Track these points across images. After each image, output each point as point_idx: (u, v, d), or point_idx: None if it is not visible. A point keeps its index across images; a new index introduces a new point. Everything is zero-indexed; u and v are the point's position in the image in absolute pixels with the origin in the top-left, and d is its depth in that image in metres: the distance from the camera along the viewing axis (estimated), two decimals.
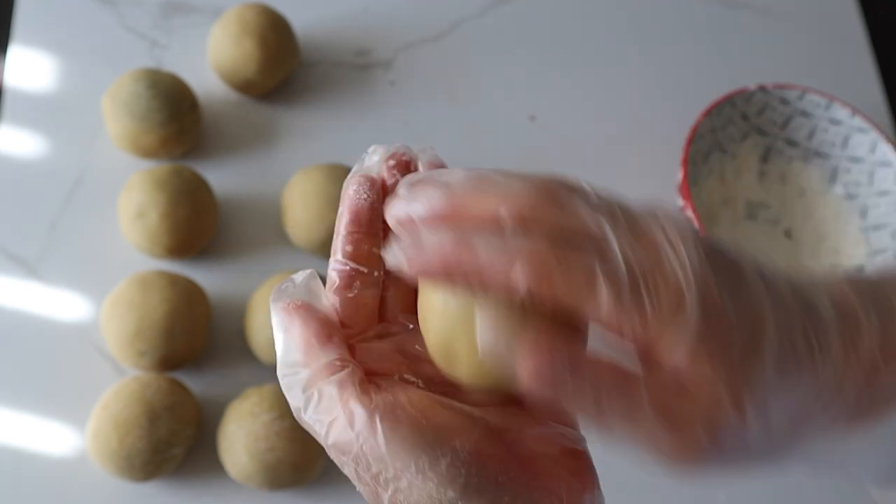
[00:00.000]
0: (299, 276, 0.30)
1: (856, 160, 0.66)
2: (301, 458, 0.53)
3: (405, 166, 0.30)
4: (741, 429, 0.23)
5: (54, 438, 0.57)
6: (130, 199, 0.59)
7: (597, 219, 0.23)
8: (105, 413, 0.53)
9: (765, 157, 0.69)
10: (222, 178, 0.65)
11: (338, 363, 0.27)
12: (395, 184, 0.30)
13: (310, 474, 0.55)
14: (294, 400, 0.27)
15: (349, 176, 0.31)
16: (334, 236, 0.30)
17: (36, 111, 0.67)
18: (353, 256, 0.30)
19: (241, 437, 0.53)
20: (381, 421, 0.25)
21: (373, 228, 0.29)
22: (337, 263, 0.30)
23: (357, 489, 0.27)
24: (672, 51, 0.75)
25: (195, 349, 0.58)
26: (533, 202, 0.24)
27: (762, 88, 0.65)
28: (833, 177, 0.68)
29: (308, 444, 0.54)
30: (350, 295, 0.30)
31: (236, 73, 0.65)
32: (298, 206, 0.60)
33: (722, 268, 0.24)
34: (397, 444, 0.25)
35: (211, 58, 0.66)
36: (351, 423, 0.25)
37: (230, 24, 0.65)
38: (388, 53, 0.72)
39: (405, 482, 0.25)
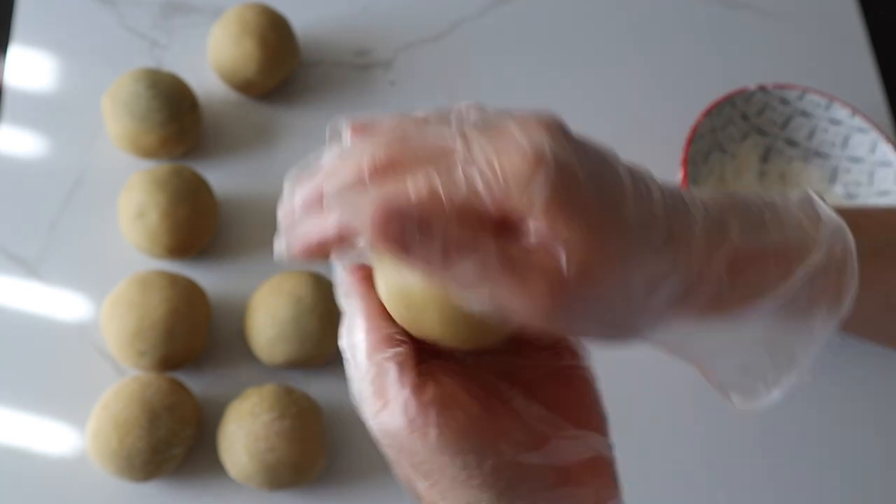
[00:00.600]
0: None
1: (856, 160, 0.66)
2: (301, 458, 0.53)
3: None
4: (586, 286, 0.24)
5: (54, 438, 0.57)
6: (130, 199, 0.59)
7: (443, 133, 0.26)
8: (105, 413, 0.53)
9: (765, 157, 0.69)
10: (222, 178, 0.65)
11: (398, 337, 0.28)
12: None
13: (310, 474, 0.55)
14: (353, 370, 0.28)
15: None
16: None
17: (36, 111, 0.67)
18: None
19: (241, 437, 0.53)
20: (437, 417, 0.26)
21: None
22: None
23: (392, 469, 0.28)
24: (672, 51, 0.75)
25: (195, 349, 0.58)
26: (385, 149, 0.26)
27: (762, 88, 0.65)
28: (833, 177, 0.68)
29: (308, 444, 0.54)
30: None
31: (236, 73, 0.65)
32: None
33: (588, 153, 0.26)
34: (448, 442, 0.26)
35: (211, 58, 0.66)
36: (404, 412, 0.26)
37: (230, 24, 0.65)
38: (388, 53, 0.72)
39: (447, 479, 0.26)
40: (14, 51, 0.69)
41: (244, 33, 0.64)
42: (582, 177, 0.25)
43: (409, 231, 0.24)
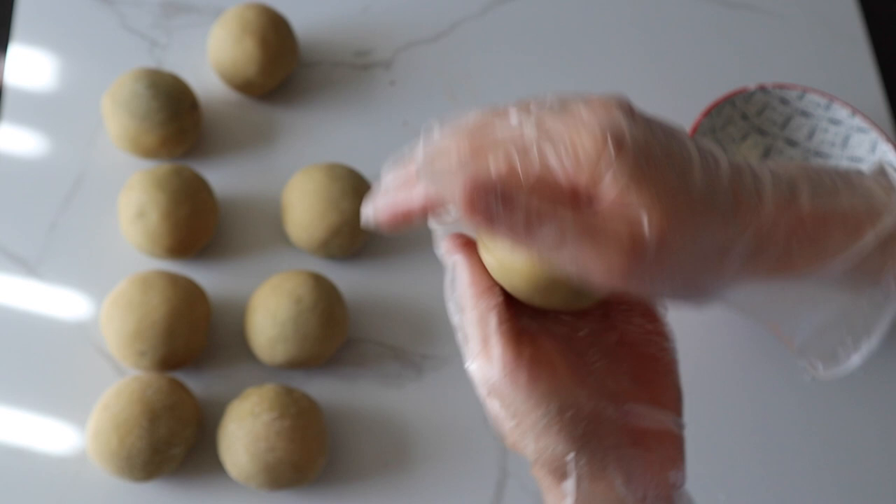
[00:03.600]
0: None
1: (856, 160, 0.66)
2: (301, 458, 0.53)
3: None
4: (661, 249, 0.26)
5: (54, 438, 0.57)
6: (130, 199, 0.59)
7: (521, 120, 0.29)
8: (105, 413, 0.53)
9: (765, 157, 0.69)
10: (222, 178, 0.65)
11: (498, 290, 0.31)
12: None
13: (310, 474, 0.55)
14: (457, 318, 0.32)
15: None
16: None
17: (36, 111, 0.67)
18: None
19: (241, 437, 0.53)
20: (528, 370, 0.29)
21: None
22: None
23: (483, 402, 0.31)
24: (672, 50, 0.75)
25: (195, 349, 0.58)
26: (469, 138, 0.29)
27: (762, 88, 0.65)
28: None
29: (308, 444, 0.54)
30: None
31: (236, 73, 0.65)
32: (298, 206, 0.60)
33: (656, 127, 0.28)
34: (534, 392, 0.29)
35: (211, 58, 0.66)
36: (501, 361, 0.30)
37: (230, 24, 0.65)
38: (388, 53, 0.72)
39: (530, 422, 0.29)
40: (14, 50, 0.69)
41: (244, 33, 0.64)
42: (653, 148, 0.27)
43: (493, 203, 0.26)
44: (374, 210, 0.32)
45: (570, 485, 0.30)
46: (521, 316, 0.31)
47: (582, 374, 0.31)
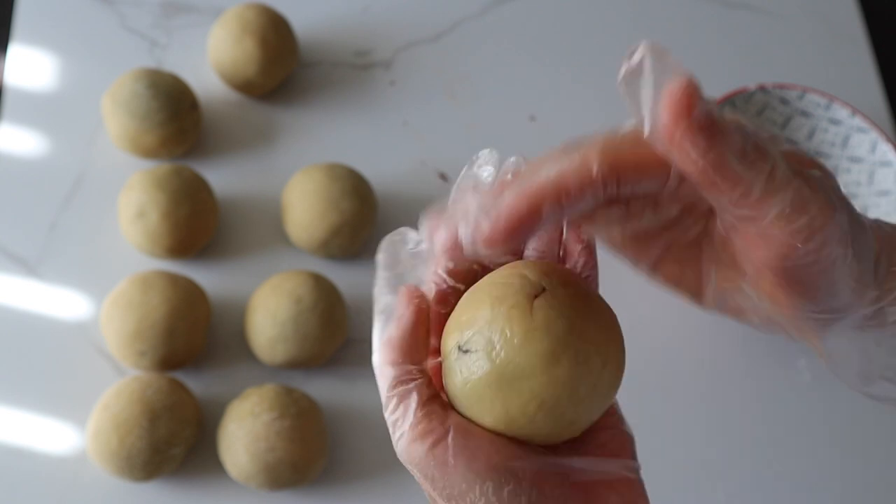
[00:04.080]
0: (412, 241, 0.31)
1: (856, 160, 0.66)
2: (301, 458, 0.53)
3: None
4: (819, 250, 0.25)
5: (54, 438, 0.57)
6: (130, 199, 0.59)
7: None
8: (105, 413, 0.53)
9: None
10: (222, 178, 0.65)
11: (420, 373, 0.29)
12: None
13: (310, 474, 0.55)
14: (381, 393, 0.29)
15: (461, 183, 0.31)
16: (435, 242, 0.31)
17: (36, 111, 0.67)
18: (453, 273, 0.30)
19: (241, 437, 0.53)
20: (453, 444, 0.27)
21: None
22: (437, 277, 0.31)
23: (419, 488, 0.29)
24: (672, 51, 0.75)
25: (195, 349, 0.58)
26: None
27: (762, 88, 0.65)
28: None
29: (308, 444, 0.54)
30: (442, 311, 0.30)
31: (236, 73, 0.65)
32: (298, 206, 0.60)
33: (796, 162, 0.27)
34: (466, 467, 0.27)
35: (211, 58, 0.66)
36: (423, 439, 0.27)
37: (230, 24, 0.65)
38: (388, 53, 0.72)
39: (468, 502, 0.27)
40: (14, 50, 0.69)
41: (244, 33, 0.64)
42: (805, 187, 0.26)
43: (708, 114, 0.25)
44: (480, 229, 0.27)
45: None
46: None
47: (516, 444, 0.28)
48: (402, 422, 0.28)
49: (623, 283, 0.65)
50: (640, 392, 0.60)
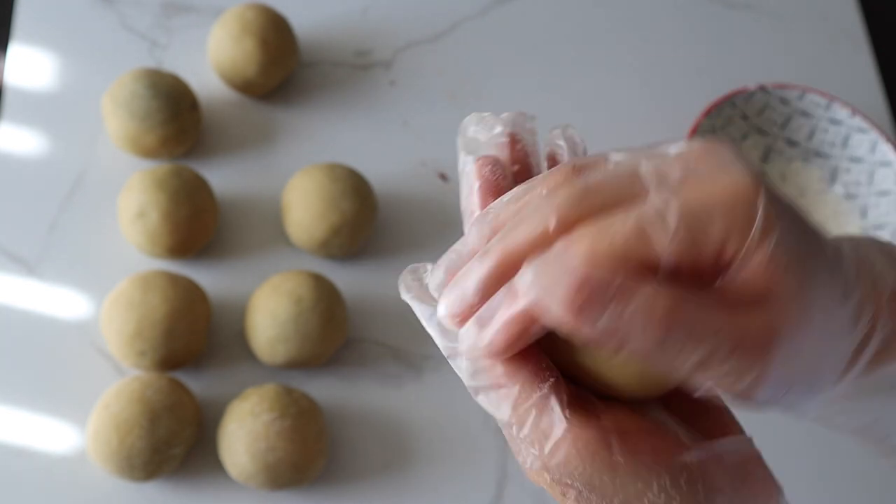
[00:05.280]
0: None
1: (856, 160, 0.66)
2: (301, 458, 0.53)
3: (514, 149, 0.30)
4: (802, 332, 0.22)
5: (54, 438, 0.57)
6: (130, 199, 0.59)
7: (635, 170, 0.23)
8: (105, 413, 0.53)
9: (765, 157, 0.69)
10: (222, 178, 0.65)
11: (547, 368, 0.25)
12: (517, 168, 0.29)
13: (310, 474, 0.55)
14: (501, 413, 0.25)
15: (465, 149, 0.29)
16: (464, 217, 0.28)
17: (36, 110, 0.67)
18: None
19: (241, 437, 0.53)
20: (617, 441, 0.24)
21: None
22: None
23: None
24: (672, 51, 0.75)
25: (195, 349, 0.58)
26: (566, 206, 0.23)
27: (762, 88, 0.65)
28: (833, 177, 0.68)
29: (308, 444, 0.54)
30: None
31: (236, 73, 0.65)
32: (298, 206, 0.60)
33: (780, 203, 0.23)
34: (636, 466, 0.24)
35: (211, 58, 0.66)
36: (586, 447, 0.24)
37: (230, 24, 0.65)
38: (388, 53, 0.72)
39: (620, 501, 0.24)
40: (14, 50, 0.69)
41: (244, 33, 0.64)
42: (799, 212, 0.23)
43: (608, 304, 0.21)
44: (472, 337, 0.24)
45: None
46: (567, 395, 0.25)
47: (659, 434, 0.25)
48: (548, 436, 0.24)
49: None
50: None
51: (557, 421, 0.24)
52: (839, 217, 0.67)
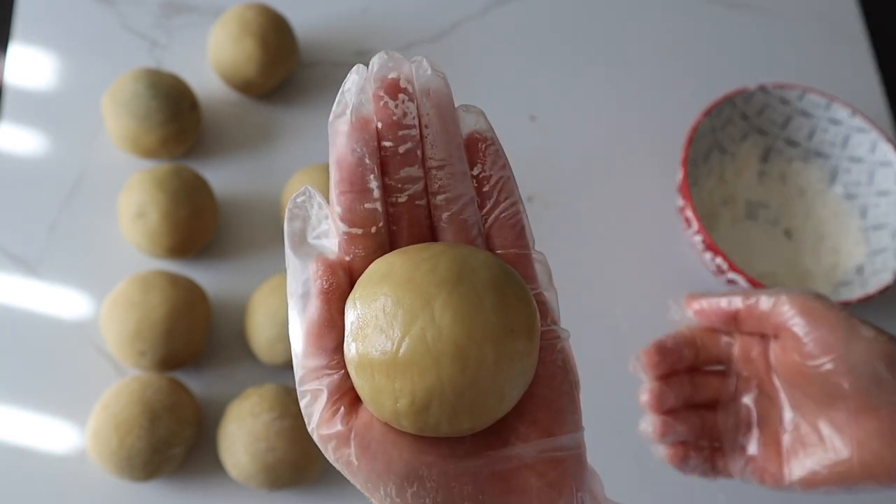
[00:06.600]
0: (311, 206, 0.30)
1: (856, 160, 0.66)
2: (301, 458, 0.53)
3: (395, 89, 0.29)
4: None
5: (54, 438, 0.57)
6: (130, 199, 0.59)
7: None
8: (105, 413, 0.53)
9: (765, 157, 0.69)
10: (222, 178, 0.65)
11: (335, 366, 0.27)
12: (391, 119, 0.28)
13: (310, 474, 0.55)
14: (297, 390, 0.28)
15: (335, 111, 0.29)
16: (330, 187, 0.29)
17: (36, 110, 0.67)
18: (347, 219, 0.28)
19: (241, 437, 0.53)
20: (355, 444, 0.26)
21: (364, 184, 0.28)
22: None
23: None
24: (672, 51, 0.75)
25: (195, 349, 0.58)
26: None
27: (762, 88, 0.65)
28: (833, 177, 0.68)
29: (308, 443, 0.54)
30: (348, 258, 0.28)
31: (236, 73, 0.65)
32: None
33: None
34: (369, 468, 0.26)
35: (211, 58, 0.66)
36: (329, 439, 0.26)
37: (230, 24, 0.65)
38: None
39: (377, 499, 0.26)
40: (14, 50, 0.69)
41: (244, 33, 0.64)
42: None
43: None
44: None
45: None
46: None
47: (422, 445, 0.26)
48: (310, 421, 0.27)
49: (612, 287, 0.65)
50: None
51: (316, 413, 0.26)
52: (839, 217, 0.67)
